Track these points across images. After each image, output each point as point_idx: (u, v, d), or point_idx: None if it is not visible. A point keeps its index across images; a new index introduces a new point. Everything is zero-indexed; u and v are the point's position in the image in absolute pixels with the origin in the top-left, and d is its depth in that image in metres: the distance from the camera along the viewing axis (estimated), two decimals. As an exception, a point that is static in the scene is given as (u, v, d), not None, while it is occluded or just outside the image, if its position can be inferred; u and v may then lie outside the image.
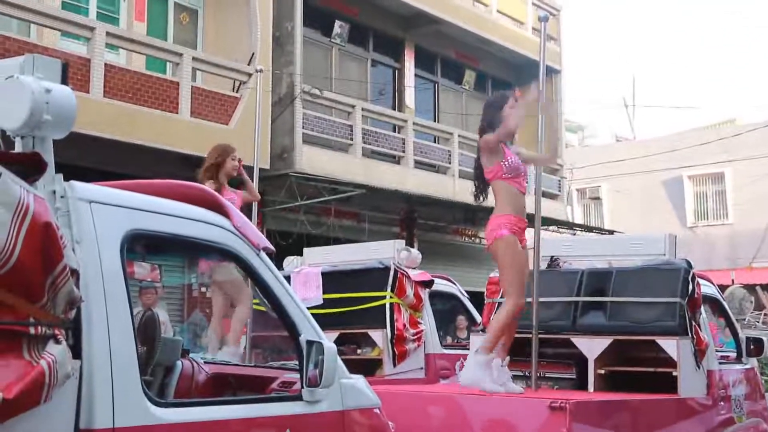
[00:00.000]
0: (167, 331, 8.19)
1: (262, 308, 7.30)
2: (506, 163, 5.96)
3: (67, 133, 2.90)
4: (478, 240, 20.54)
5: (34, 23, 12.25)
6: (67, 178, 2.97)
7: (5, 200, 2.44)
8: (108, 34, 12.48)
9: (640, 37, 63.91)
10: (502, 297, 7.26)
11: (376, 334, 8.24)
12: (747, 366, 7.75)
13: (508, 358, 5.92)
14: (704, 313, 6.98)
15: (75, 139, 2.99)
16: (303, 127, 15.23)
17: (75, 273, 2.67)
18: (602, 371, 6.42)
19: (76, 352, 2.76)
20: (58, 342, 2.56)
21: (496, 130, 5.93)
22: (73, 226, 2.91)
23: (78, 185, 3.00)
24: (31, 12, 11.82)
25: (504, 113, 6.00)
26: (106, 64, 12.34)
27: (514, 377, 5.97)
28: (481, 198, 6.29)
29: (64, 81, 2.92)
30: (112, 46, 12.93)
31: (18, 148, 2.86)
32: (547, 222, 18.27)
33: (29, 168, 2.66)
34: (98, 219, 2.99)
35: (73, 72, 11.38)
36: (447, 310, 10.63)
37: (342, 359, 3.76)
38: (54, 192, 2.89)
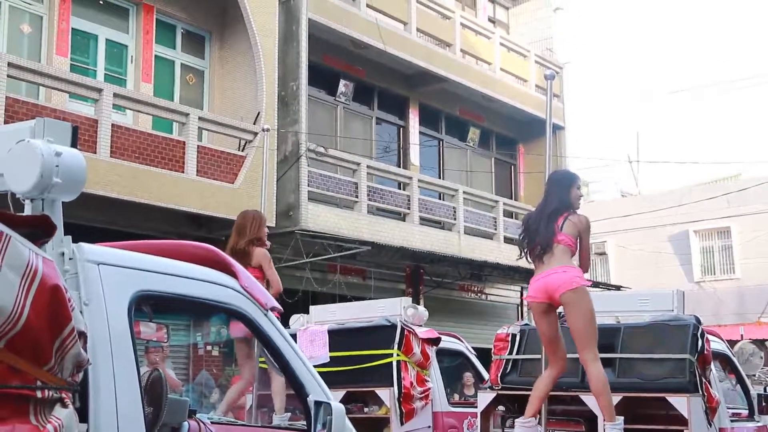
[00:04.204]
0: (174, 391, 8.15)
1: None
2: None
3: (76, 195, 2.93)
4: (484, 296, 20.48)
5: (43, 86, 12.41)
6: (74, 239, 2.98)
7: (14, 263, 2.44)
8: (115, 95, 12.63)
9: (644, 92, 64.37)
10: (509, 354, 7.24)
11: (383, 393, 8.17)
12: (759, 424, 7.67)
13: (538, 416, 5.90)
14: (714, 369, 6.92)
15: (82, 198, 3.02)
16: (308, 185, 15.31)
17: (83, 335, 2.66)
18: (612, 429, 6.33)
19: (83, 415, 2.74)
20: (65, 405, 2.54)
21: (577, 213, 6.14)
22: (81, 288, 2.91)
23: (86, 247, 3.01)
24: (41, 75, 11.98)
25: (573, 196, 6.16)
26: (113, 125, 12.47)
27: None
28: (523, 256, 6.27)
29: (74, 144, 2.95)
30: (119, 107, 13.07)
31: (27, 210, 2.88)
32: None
33: (38, 230, 2.67)
34: (106, 281, 3.00)
35: (80, 133, 11.50)
36: (454, 367, 10.56)
37: (349, 418, 3.73)
38: (62, 254, 2.90)
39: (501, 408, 7.28)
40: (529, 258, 6.14)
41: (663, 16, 66.20)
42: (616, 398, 6.33)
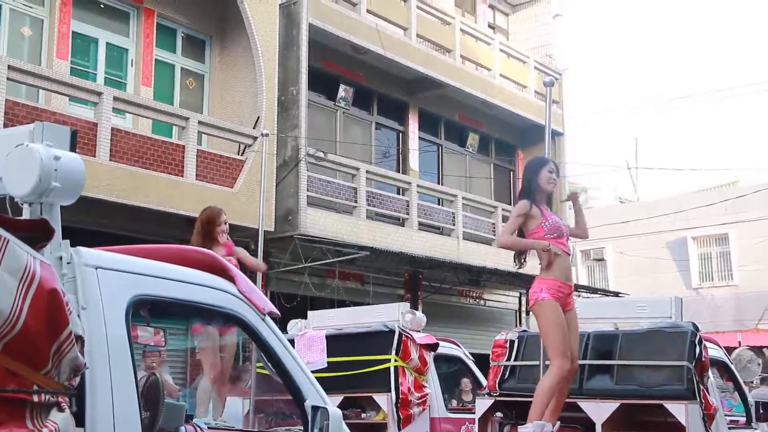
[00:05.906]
0: (171, 396, 8.13)
1: (266, 372, 7.28)
2: (547, 222, 5.95)
3: (75, 199, 2.93)
4: (482, 302, 20.47)
5: (44, 89, 12.41)
6: (73, 243, 2.98)
7: (12, 267, 2.44)
8: (115, 98, 12.63)
9: (643, 99, 64.52)
10: (507, 360, 7.25)
11: (380, 398, 8.17)
12: (757, 431, 7.66)
13: (558, 423, 5.85)
14: (712, 376, 6.92)
15: (80, 202, 3.02)
16: (308, 190, 15.30)
17: (80, 339, 2.66)
18: (610, 436, 6.34)
19: (80, 419, 2.73)
20: (61, 410, 2.54)
21: (530, 196, 6.01)
22: (78, 292, 2.91)
23: (84, 251, 3.00)
24: (41, 78, 11.98)
25: (540, 178, 6.07)
26: (112, 128, 12.46)
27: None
28: (521, 263, 6.18)
29: (73, 148, 2.95)
30: (119, 111, 13.07)
31: (26, 214, 2.88)
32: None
33: (36, 234, 2.67)
34: (104, 285, 2.99)
35: (80, 136, 11.49)
36: (452, 373, 10.54)
37: (346, 423, 3.72)
38: (60, 258, 2.90)
39: (499, 414, 7.28)
40: None
41: (662, 24, 66.31)
42: (614, 405, 6.33)
